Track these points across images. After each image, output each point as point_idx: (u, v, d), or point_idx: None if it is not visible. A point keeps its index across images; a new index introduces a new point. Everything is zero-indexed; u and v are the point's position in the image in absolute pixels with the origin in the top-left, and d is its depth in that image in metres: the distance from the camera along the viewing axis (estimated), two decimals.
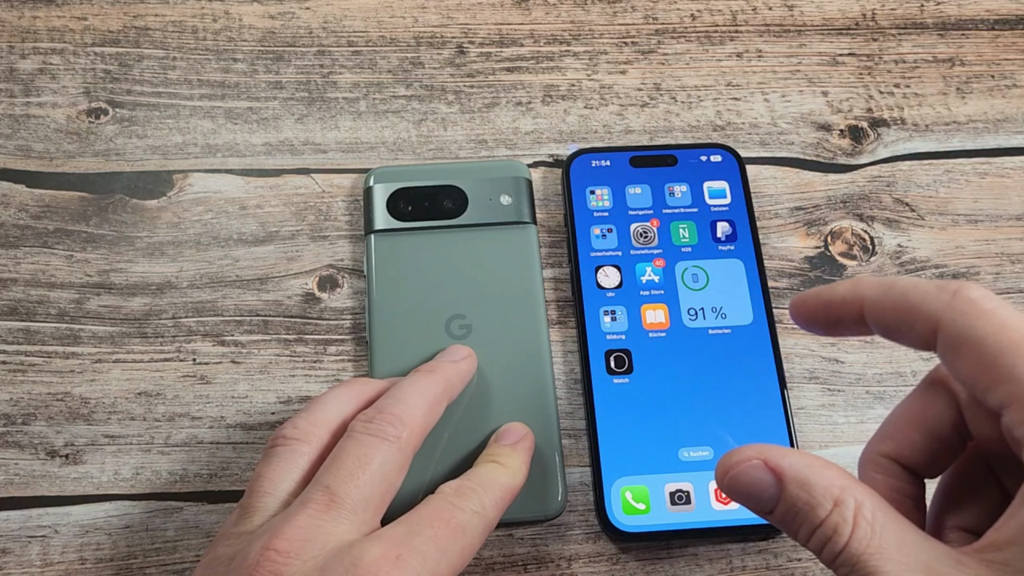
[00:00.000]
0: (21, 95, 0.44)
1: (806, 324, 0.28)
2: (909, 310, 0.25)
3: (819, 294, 0.27)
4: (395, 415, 0.31)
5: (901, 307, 0.25)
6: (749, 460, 0.25)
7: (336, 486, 0.29)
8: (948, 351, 0.24)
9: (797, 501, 0.24)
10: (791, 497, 0.24)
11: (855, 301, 0.26)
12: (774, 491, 0.24)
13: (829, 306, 0.27)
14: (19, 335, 0.39)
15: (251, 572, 0.26)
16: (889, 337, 0.26)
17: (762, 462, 0.24)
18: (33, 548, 0.36)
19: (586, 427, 0.38)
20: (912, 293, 0.25)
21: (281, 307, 0.40)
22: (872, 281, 0.26)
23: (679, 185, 0.42)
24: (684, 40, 0.47)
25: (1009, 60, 0.47)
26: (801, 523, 0.24)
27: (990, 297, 0.24)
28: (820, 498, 0.23)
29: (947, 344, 0.24)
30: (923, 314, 0.24)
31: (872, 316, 0.26)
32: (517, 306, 0.38)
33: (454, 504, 0.29)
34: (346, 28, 0.46)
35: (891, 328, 0.25)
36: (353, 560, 0.26)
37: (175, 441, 0.38)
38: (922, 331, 0.24)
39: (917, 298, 0.25)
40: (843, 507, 0.23)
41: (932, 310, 0.24)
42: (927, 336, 0.24)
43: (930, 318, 0.24)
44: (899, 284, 0.25)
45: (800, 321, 0.28)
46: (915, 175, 0.44)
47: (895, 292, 0.25)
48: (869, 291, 0.26)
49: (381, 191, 0.41)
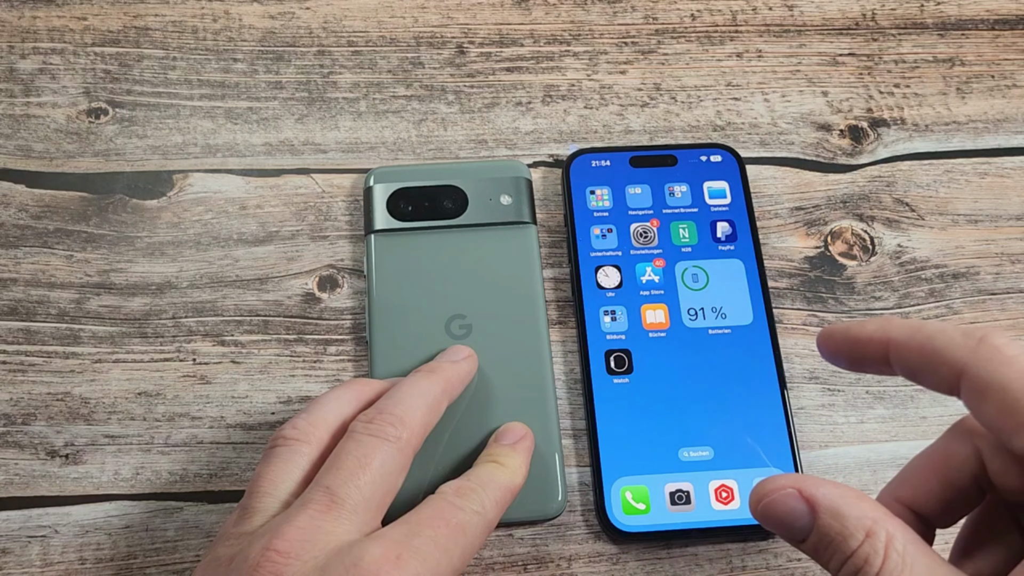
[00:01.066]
0: (21, 95, 0.44)
1: (832, 357, 0.28)
2: (935, 354, 0.25)
3: (847, 330, 0.28)
4: (395, 415, 0.31)
5: (927, 351, 0.25)
6: (783, 489, 0.25)
7: (336, 487, 0.29)
8: (973, 396, 0.24)
9: (830, 531, 0.24)
10: (824, 527, 0.24)
11: (882, 341, 0.26)
12: (807, 520, 0.25)
13: (856, 343, 0.27)
14: (19, 335, 0.39)
15: (251, 572, 0.26)
16: (913, 379, 0.26)
17: (797, 491, 0.25)
18: (33, 548, 0.36)
19: (586, 427, 0.38)
20: (939, 338, 0.25)
21: (281, 307, 0.40)
22: (900, 323, 0.27)
23: (679, 185, 0.42)
24: (684, 40, 0.47)
25: (1009, 60, 0.47)
26: (833, 552, 0.24)
27: (1014, 344, 0.24)
28: (853, 528, 0.24)
29: (972, 389, 0.24)
30: (948, 359, 0.25)
31: (898, 358, 0.26)
32: (517, 306, 0.38)
33: (454, 504, 0.29)
34: (346, 28, 0.46)
35: (916, 371, 0.26)
36: (353, 560, 0.26)
37: (175, 441, 0.38)
38: (947, 376, 0.25)
39: (943, 343, 0.25)
40: (875, 538, 0.23)
41: (957, 356, 0.25)
42: (951, 381, 0.25)
43: (956, 364, 0.25)
44: (926, 328, 0.26)
45: (827, 354, 0.29)
46: (915, 175, 0.44)
47: (922, 336, 0.26)
48: (896, 332, 0.26)
49: (381, 191, 0.41)
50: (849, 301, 0.41)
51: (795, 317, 0.40)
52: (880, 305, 0.41)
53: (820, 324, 0.40)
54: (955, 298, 0.41)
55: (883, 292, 0.41)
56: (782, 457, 0.36)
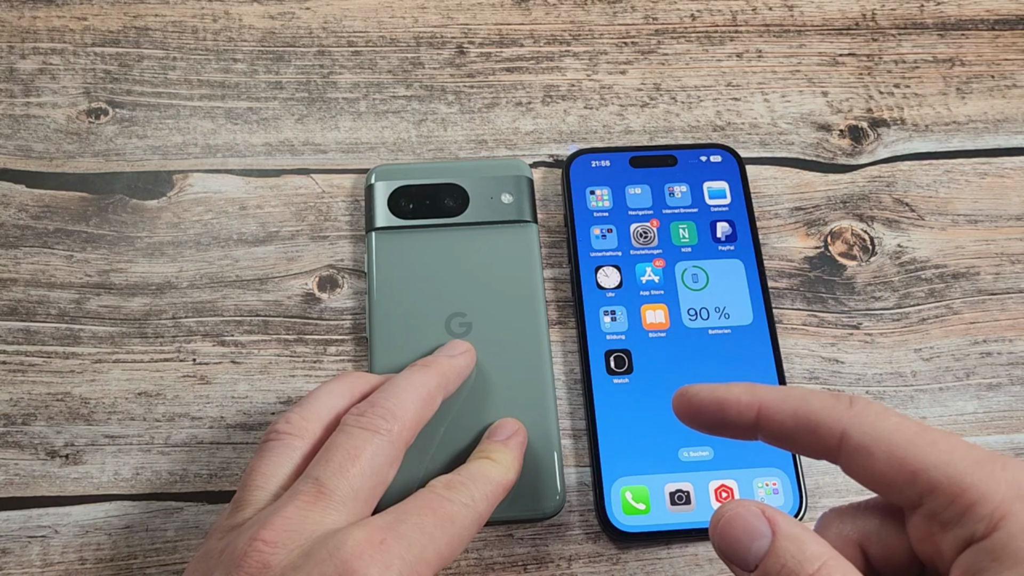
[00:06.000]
0: (21, 95, 0.44)
1: (690, 417, 0.28)
2: (810, 417, 0.25)
3: (713, 391, 0.27)
4: (387, 409, 0.31)
5: (802, 416, 0.25)
6: (748, 507, 0.25)
7: (325, 478, 0.29)
8: (858, 455, 0.25)
9: (785, 554, 0.24)
10: (781, 549, 0.24)
11: (750, 404, 0.26)
12: (765, 542, 0.24)
13: (722, 405, 0.27)
14: (19, 335, 0.39)
15: (239, 562, 0.27)
16: (781, 444, 0.26)
17: (760, 511, 0.25)
18: (33, 548, 0.36)
19: (586, 427, 0.38)
20: (813, 402, 0.26)
21: (281, 307, 0.40)
22: (769, 387, 0.27)
23: (679, 185, 0.42)
24: (684, 40, 0.47)
25: (1009, 60, 0.47)
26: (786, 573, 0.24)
27: (882, 405, 0.25)
28: (811, 556, 0.23)
29: (857, 448, 0.25)
30: (827, 421, 0.25)
31: (770, 422, 0.26)
32: (517, 305, 0.38)
33: (443, 496, 0.30)
34: (346, 28, 0.46)
35: (789, 435, 0.26)
36: (337, 544, 0.26)
37: (175, 441, 0.38)
38: (825, 437, 0.25)
39: (818, 406, 0.25)
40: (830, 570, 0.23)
41: (835, 417, 0.25)
42: (829, 443, 0.25)
43: (835, 425, 0.25)
44: (796, 392, 0.26)
45: (685, 414, 0.28)
46: (915, 175, 0.44)
47: (794, 400, 0.26)
48: (767, 396, 0.26)
49: (382, 189, 0.41)
50: (849, 301, 0.41)
51: (795, 317, 0.40)
52: (880, 305, 0.41)
53: (820, 324, 0.40)
54: (955, 298, 0.41)
55: (883, 292, 0.41)
56: (782, 457, 0.36)
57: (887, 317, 0.41)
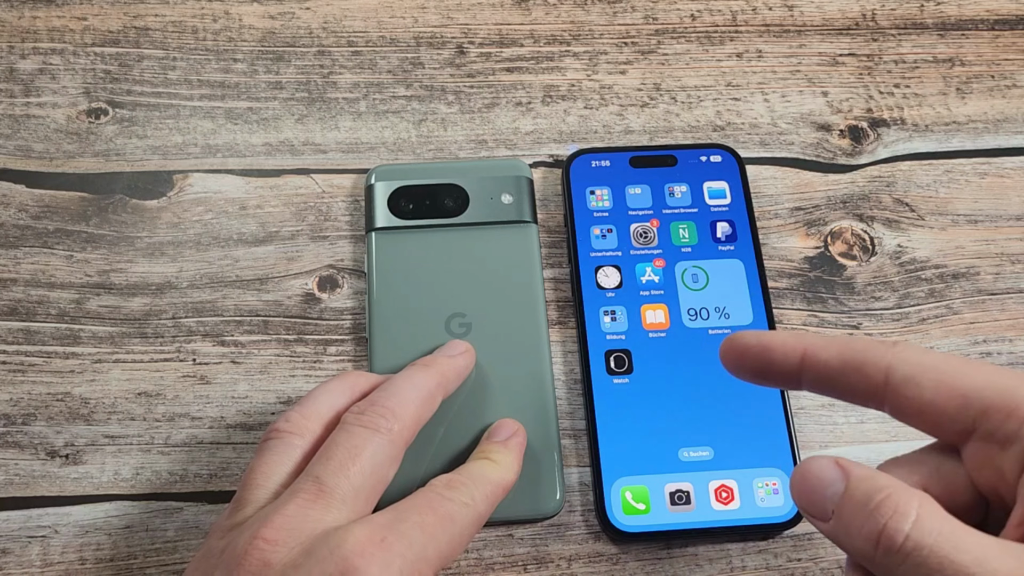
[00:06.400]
0: (21, 95, 0.44)
1: (735, 363, 0.28)
2: (856, 357, 0.26)
3: (759, 335, 0.28)
4: (387, 407, 0.31)
5: (847, 356, 0.26)
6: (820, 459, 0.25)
7: (326, 477, 0.29)
8: (907, 386, 0.25)
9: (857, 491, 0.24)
10: (853, 488, 0.24)
11: (796, 347, 0.27)
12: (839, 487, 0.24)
13: (767, 348, 0.28)
14: (19, 335, 0.39)
15: (240, 561, 0.27)
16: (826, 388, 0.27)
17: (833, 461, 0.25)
18: (33, 548, 0.36)
19: (586, 427, 0.38)
20: (857, 343, 0.26)
21: (281, 307, 0.40)
22: (814, 334, 0.27)
23: (679, 185, 0.42)
24: (684, 40, 0.47)
25: (1009, 60, 0.47)
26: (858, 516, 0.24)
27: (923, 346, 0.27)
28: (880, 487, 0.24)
29: (905, 379, 0.25)
30: (872, 359, 0.26)
31: (816, 365, 0.27)
32: (517, 305, 0.38)
33: (443, 495, 0.30)
34: (346, 28, 0.46)
35: (836, 377, 0.26)
36: (338, 542, 0.26)
37: (175, 441, 0.38)
38: (872, 373, 0.26)
39: (863, 347, 0.26)
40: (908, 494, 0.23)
41: (881, 353, 0.26)
42: (876, 380, 0.26)
43: (880, 361, 0.26)
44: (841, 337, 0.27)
45: (730, 360, 0.29)
46: (915, 175, 0.44)
47: (839, 342, 0.27)
48: (813, 339, 0.27)
49: (382, 189, 0.41)
50: (849, 301, 0.41)
51: (795, 317, 0.40)
52: (880, 305, 0.41)
53: (820, 324, 0.40)
54: (955, 298, 0.41)
55: (883, 292, 0.41)
56: (782, 457, 0.36)
57: (887, 317, 0.41)
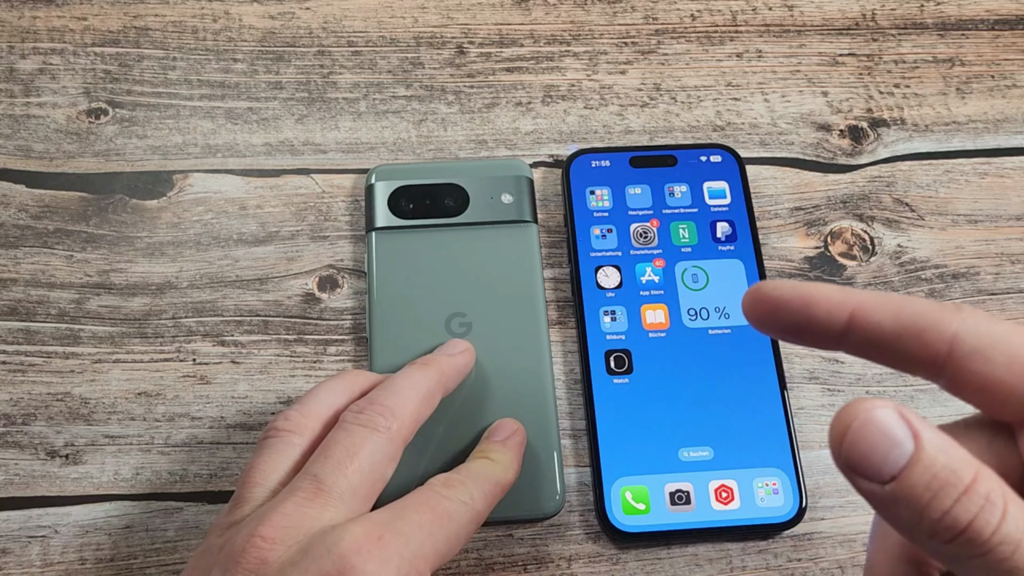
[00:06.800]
0: (21, 95, 0.44)
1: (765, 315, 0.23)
2: (916, 318, 0.22)
3: (797, 286, 0.23)
4: (386, 406, 0.31)
5: (906, 316, 0.22)
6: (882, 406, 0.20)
7: (324, 475, 0.29)
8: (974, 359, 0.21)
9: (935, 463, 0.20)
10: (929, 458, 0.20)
11: (843, 303, 0.22)
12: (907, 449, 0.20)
13: (808, 302, 0.23)
14: (19, 335, 0.39)
15: (238, 559, 0.27)
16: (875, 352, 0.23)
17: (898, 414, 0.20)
18: (33, 548, 0.36)
19: (586, 427, 0.38)
20: (916, 302, 0.22)
21: (281, 307, 0.40)
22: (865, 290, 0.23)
23: (679, 185, 0.42)
24: (684, 40, 0.47)
25: (1009, 60, 0.47)
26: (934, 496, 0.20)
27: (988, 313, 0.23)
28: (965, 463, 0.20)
29: (972, 350, 0.21)
30: (935, 324, 0.22)
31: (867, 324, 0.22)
32: (517, 305, 0.38)
33: (441, 494, 0.30)
34: (346, 28, 0.46)
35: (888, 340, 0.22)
36: (335, 540, 0.26)
37: (175, 441, 0.38)
38: (934, 341, 0.22)
39: (924, 307, 0.22)
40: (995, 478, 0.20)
41: (946, 318, 0.22)
42: (939, 348, 0.22)
43: (945, 328, 0.22)
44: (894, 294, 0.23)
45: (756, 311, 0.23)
46: (915, 175, 0.44)
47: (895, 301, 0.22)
48: (864, 296, 0.23)
49: (383, 188, 0.41)
50: None
51: None
52: None
53: None
54: (955, 298, 0.41)
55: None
56: (782, 457, 0.36)
57: None
